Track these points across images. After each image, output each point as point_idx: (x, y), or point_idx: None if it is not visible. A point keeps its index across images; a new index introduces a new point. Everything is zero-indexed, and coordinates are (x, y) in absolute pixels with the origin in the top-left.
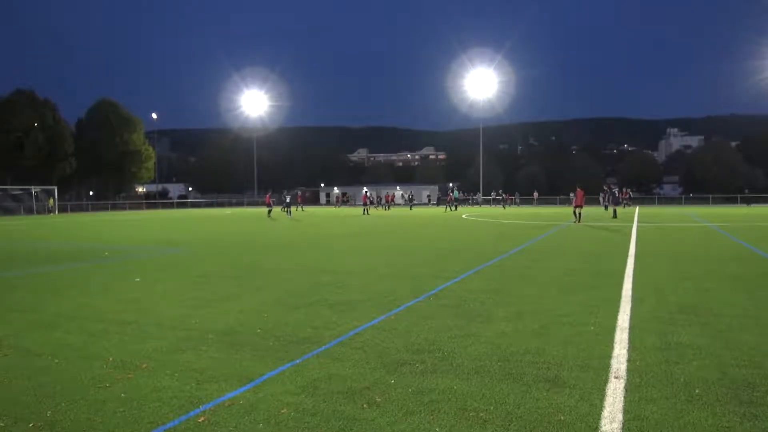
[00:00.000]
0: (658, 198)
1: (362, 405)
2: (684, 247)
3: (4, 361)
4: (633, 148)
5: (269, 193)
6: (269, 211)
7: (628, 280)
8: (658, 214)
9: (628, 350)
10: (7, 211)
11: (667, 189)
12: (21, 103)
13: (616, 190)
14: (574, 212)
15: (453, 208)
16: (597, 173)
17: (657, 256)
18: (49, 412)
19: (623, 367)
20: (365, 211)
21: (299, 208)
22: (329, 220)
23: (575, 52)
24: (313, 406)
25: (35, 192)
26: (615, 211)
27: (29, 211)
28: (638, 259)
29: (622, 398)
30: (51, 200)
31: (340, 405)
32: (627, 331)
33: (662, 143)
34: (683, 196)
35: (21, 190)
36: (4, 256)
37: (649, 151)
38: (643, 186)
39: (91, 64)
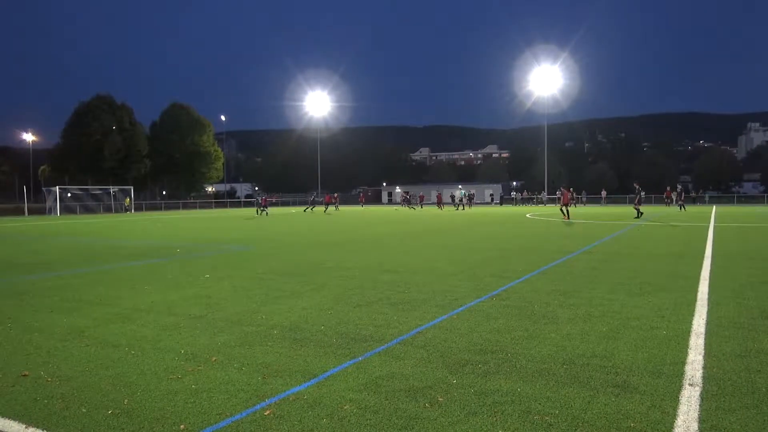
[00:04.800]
0: (738, 197)
1: (424, 404)
2: (767, 249)
3: (86, 351)
4: (709, 144)
5: (265, 196)
6: (261, 210)
7: (704, 282)
8: (738, 214)
9: (704, 356)
10: (88, 210)
11: (748, 187)
12: (100, 108)
13: (680, 190)
14: (562, 210)
15: (463, 207)
16: (670, 171)
17: (736, 258)
18: (126, 400)
19: (698, 374)
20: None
21: (324, 208)
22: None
23: (646, 45)
24: (375, 404)
25: (113, 192)
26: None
27: (108, 209)
28: (715, 260)
29: (698, 407)
30: (127, 200)
31: (402, 403)
32: (703, 336)
33: (742, 138)
34: (766, 195)
35: (100, 189)
36: (87, 253)
37: (728, 147)
38: (721, 184)
39: (164, 69)
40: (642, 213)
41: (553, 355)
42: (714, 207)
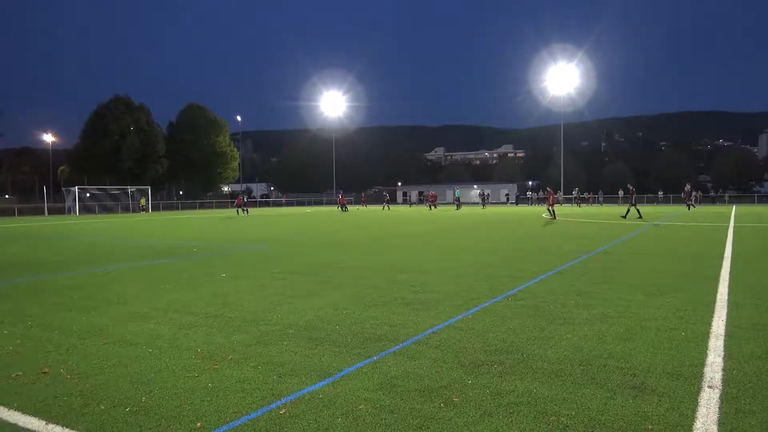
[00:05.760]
0: (758, 197)
1: (439, 404)
2: None
3: (105, 349)
4: (729, 144)
5: (241, 196)
6: (241, 211)
7: (723, 283)
8: (758, 214)
9: (724, 358)
10: (107, 210)
11: None
12: (118, 109)
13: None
14: (549, 209)
15: (456, 208)
16: (688, 170)
17: (757, 259)
18: (144, 397)
19: (718, 376)
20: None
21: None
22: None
23: (664, 43)
24: (390, 404)
25: (131, 191)
26: (630, 212)
27: (126, 209)
28: (735, 261)
29: (717, 409)
30: (143, 200)
31: (417, 403)
32: (722, 338)
33: (763, 138)
34: None
35: (118, 189)
36: (105, 252)
37: (748, 147)
38: (741, 184)
39: (181, 69)
40: (640, 214)
41: (569, 356)
42: (734, 207)
